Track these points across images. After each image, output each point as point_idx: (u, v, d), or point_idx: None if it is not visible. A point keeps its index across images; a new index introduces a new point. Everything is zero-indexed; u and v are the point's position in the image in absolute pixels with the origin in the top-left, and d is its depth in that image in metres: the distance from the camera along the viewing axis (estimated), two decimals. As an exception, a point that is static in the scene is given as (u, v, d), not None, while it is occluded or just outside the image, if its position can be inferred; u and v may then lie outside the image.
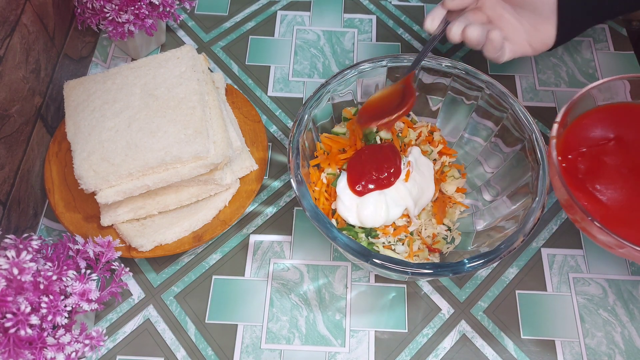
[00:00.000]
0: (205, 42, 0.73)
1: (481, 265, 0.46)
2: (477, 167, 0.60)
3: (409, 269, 0.46)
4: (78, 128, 0.55)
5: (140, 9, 0.63)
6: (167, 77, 0.58)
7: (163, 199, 0.56)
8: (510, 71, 0.71)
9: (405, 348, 0.54)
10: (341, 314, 0.55)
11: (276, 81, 0.70)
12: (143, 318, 0.55)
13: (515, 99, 0.54)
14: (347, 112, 0.60)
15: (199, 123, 0.54)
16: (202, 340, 0.54)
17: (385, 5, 0.77)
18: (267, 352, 0.53)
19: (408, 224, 0.55)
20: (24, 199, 0.57)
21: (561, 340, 0.54)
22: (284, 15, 0.76)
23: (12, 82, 0.55)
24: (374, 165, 0.54)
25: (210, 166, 0.53)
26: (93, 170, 0.52)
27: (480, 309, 0.56)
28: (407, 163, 0.55)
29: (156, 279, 0.57)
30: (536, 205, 0.49)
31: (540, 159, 0.51)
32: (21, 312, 0.41)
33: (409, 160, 0.56)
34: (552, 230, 0.60)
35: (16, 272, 0.42)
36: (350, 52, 0.73)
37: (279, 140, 0.66)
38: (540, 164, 0.50)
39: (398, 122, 0.60)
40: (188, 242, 0.55)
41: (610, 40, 0.74)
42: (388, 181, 0.54)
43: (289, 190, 0.62)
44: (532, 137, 0.52)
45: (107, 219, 0.55)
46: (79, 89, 0.58)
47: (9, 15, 0.54)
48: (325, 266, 0.58)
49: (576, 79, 0.71)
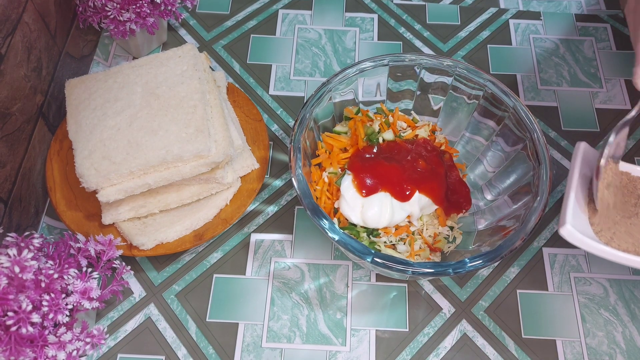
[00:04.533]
0: (206, 40, 0.73)
1: (482, 264, 0.46)
2: (479, 166, 0.59)
3: (410, 268, 0.46)
4: (79, 126, 0.55)
5: (141, 8, 0.63)
6: (169, 75, 0.58)
7: (164, 197, 0.56)
8: (512, 70, 0.71)
9: (406, 347, 0.54)
10: (342, 312, 0.55)
11: (277, 80, 0.70)
12: (144, 316, 0.55)
13: (517, 98, 0.54)
14: (348, 111, 0.60)
15: (201, 122, 0.54)
16: (203, 339, 0.54)
17: (387, 4, 0.77)
18: (268, 350, 0.53)
19: (410, 224, 0.55)
20: (26, 197, 0.57)
21: (562, 340, 0.54)
22: (286, 14, 0.76)
23: (14, 80, 0.55)
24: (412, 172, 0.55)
25: (211, 165, 0.53)
26: (94, 169, 0.52)
27: (481, 309, 0.56)
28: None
29: (157, 277, 0.57)
30: (537, 205, 0.49)
31: (541, 158, 0.51)
32: (22, 310, 0.41)
33: None
34: (553, 230, 0.60)
35: (17, 270, 0.42)
36: (351, 51, 0.73)
37: (280, 139, 0.66)
38: (542, 164, 0.50)
39: (400, 122, 0.60)
40: (189, 241, 0.55)
41: (612, 39, 0.74)
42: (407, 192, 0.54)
43: (290, 189, 0.62)
44: (534, 137, 0.52)
45: (109, 218, 0.55)
46: (80, 87, 0.58)
47: (10, 13, 0.54)
48: (326, 265, 0.58)
49: (578, 78, 0.71)
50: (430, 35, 0.74)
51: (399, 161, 0.55)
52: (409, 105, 0.62)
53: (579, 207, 0.49)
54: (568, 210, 0.47)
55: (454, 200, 0.57)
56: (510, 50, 0.73)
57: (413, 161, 0.56)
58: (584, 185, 0.50)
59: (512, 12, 0.77)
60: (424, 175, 0.55)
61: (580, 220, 0.48)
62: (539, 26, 0.75)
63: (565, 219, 0.47)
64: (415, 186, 0.54)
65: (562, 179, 0.63)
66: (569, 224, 0.46)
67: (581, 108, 0.68)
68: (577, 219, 0.48)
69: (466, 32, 0.75)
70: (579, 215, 0.48)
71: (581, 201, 0.49)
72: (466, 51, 0.73)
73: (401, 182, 0.54)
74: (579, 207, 0.49)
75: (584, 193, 0.50)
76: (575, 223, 0.47)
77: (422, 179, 0.54)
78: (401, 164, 0.55)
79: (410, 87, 0.60)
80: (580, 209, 0.49)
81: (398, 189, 0.54)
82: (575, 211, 0.48)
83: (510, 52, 0.73)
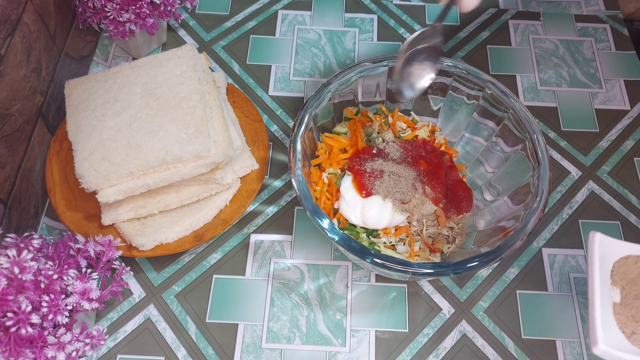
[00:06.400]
0: (206, 41, 0.73)
1: (482, 265, 0.46)
2: (478, 166, 0.59)
3: (409, 268, 0.46)
4: (79, 127, 0.55)
5: (141, 8, 0.63)
6: (168, 76, 0.58)
7: (164, 198, 0.56)
8: (512, 71, 0.71)
9: (406, 348, 0.54)
10: (342, 313, 0.55)
11: (277, 80, 0.70)
12: (144, 317, 0.55)
13: (517, 99, 0.54)
14: (348, 111, 0.60)
15: (200, 122, 0.54)
16: (202, 340, 0.54)
17: (387, 4, 0.77)
18: (268, 351, 0.53)
19: (410, 225, 0.55)
20: (25, 197, 0.57)
21: (562, 340, 0.54)
22: (285, 15, 0.76)
23: (13, 81, 0.55)
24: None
25: (211, 165, 0.53)
26: (94, 170, 0.52)
27: (481, 309, 0.56)
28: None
29: (157, 278, 0.57)
30: (537, 205, 0.49)
31: (541, 158, 0.51)
32: (22, 311, 0.41)
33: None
34: (552, 230, 0.60)
35: (17, 271, 0.42)
36: (351, 51, 0.73)
37: (279, 139, 0.66)
38: (541, 164, 0.50)
39: (399, 122, 0.60)
40: (189, 242, 0.55)
41: (611, 40, 0.74)
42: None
43: (290, 189, 0.62)
44: (533, 137, 0.52)
45: (108, 218, 0.55)
46: (80, 88, 0.58)
47: (10, 14, 0.54)
48: (325, 266, 0.58)
49: (577, 78, 0.71)
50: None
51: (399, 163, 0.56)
52: (409, 105, 0.62)
53: (605, 308, 0.44)
54: (597, 324, 0.43)
55: (455, 202, 0.57)
56: (510, 50, 0.73)
57: (413, 162, 0.56)
58: (605, 279, 0.46)
59: (511, 12, 0.77)
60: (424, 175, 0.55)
61: (610, 326, 0.44)
62: (539, 27, 0.75)
63: (596, 337, 0.42)
64: (414, 188, 0.54)
65: (561, 179, 0.63)
66: (602, 343, 0.42)
67: (580, 108, 0.68)
68: (607, 325, 0.44)
69: (466, 32, 0.75)
70: (608, 320, 0.44)
71: (606, 300, 0.45)
72: (466, 52, 0.73)
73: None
74: (606, 309, 0.44)
75: (607, 288, 0.46)
76: (607, 334, 0.43)
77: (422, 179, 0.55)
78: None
79: (409, 87, 0.60)
80: (607, 310, 0.45)
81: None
82: (604, 319, 0.43)
83: (510, 53, 0.73)
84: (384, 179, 0.54)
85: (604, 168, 0.64)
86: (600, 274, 0.45)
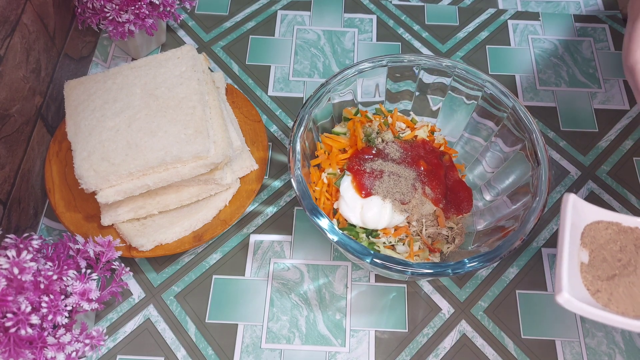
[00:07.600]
0: (205, 41, 0.73)
1: (481, 265, 0.46)
2: (478, 166, 0.60)
3: (409, 268, 0.46)
4: (78, 128, 0.55)
5: (140, 9, 0.63)
6: (168, 76, 0.58)
7: (163, 198, 0.56)
8: (511, 71, 0.71)
9: (406, 348, 0.54)
10: (341, 313, 0.55)
11: (276, 81, 0.70)
12: (143, 318, 0.55)
13: (516, 99, 0.54)
14: (347, 111, 0.60)
15: (199, 123, 0.54)
16: (202, 340, 0.54)
17: (386, 5, 0.77)
18: (268, 351, 0.53)
19: (409, 225, 0.55)
20: (25, 198, 0.57)
21: (561, 340, 0.54)
22: (285, 15, 0.76)
23: (13, 81, 0.55)
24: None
25: (210, 166, 0.53)
26: (93, 170, 0.52)
27: (481, 309, 0.56)
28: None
29: (156, 278, 0.57)
30: (536, 205, 0.49)
31: (540, 158, 0.51)
32: (21, 311, 0.41)
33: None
34: (552, 230, 0.60)
35: (16, 271, 0.42)
36: (350, 51, 0.73)
37: (279, 140, 0.66)
38: (541, 164, 0.50)
39: (399, 122, 0.61)
40: (188, 242, 0.55)
41: (610, 40, 0.74)
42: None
43: (290, 190, 0.62)
44: (533, 137, 0.52)
45: (108, 219, 0.55)
46: (79, 88, 0.58)
47: (9, 15, 0.54)
48: (325, 266, 0.58)
49: (576, 78, 0.71)
50: (429, 36, 0.74)
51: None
52: (408, 105, 0.62)
53: (573, 266, 0.45)
54: (563, 275, 0.43)
55: (455, 202, 0.57)
56: (509, 50, 0.73)
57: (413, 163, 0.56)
58: (575, 240, 0.47)
59: (510, 12, 0.77)
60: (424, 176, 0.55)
61: (576, 282, 0.45)
62: (538, 27, 0.75)
63: (561, 285, 0.43)
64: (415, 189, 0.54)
65: (561, 179, 0.63)
66: (566, 292, 0.42)
67: (580, 108, 0.68)
68: (573, 280, 0.44)
69: (465, 32, 0.75)
70: (574, 276, 0.45)
71: (575, 259, 0.46)
72: (465, 52, 0.73)
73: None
74: (573, 267, 0.45)
75: (576, 248, 0.47)
76: (572, 287, 0.43)
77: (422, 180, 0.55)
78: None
79: (409, 87, 0.60)
80: (574, 268, 0.45)
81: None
82: (571, 274, 0.44)
83: (509, 53, 0.73)
84: (384, 179, 0.54)
85: (603, 168, 0.64)
86: (571, 233, 0.46)
